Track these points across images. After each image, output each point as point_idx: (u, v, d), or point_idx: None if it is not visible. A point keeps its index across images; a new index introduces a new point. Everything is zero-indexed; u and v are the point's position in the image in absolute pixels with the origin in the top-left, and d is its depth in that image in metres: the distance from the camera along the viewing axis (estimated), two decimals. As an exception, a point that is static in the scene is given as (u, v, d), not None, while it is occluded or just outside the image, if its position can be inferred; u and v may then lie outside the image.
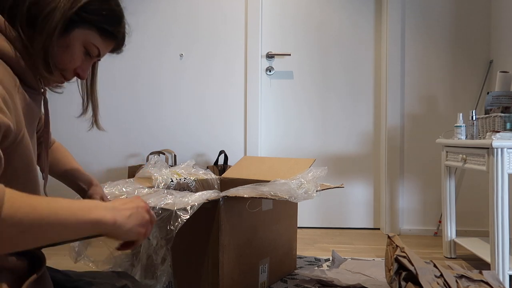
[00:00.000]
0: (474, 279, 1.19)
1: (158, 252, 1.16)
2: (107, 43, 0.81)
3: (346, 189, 2.63)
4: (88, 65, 0.81)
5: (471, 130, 1.87)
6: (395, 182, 2.51)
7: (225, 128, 2.59)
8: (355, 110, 2.62)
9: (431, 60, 2.51)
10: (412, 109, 2.52)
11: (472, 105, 2.48)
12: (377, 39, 2.61)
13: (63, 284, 0.85)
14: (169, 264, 1.13)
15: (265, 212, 1.49)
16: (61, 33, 0.72)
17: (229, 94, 2.59)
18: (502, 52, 2.33)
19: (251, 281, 1.41)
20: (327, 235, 2.47)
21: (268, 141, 2.67)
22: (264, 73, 2.65)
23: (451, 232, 2.01)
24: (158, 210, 1.16)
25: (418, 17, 2.51)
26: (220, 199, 1.24)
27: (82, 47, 0.77)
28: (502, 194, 1.55)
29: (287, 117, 2.65)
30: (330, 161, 2.63)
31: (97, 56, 0.81)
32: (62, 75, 0.78)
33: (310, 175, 1.47)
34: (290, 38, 2.64)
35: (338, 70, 2.62)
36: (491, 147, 1.54)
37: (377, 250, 2.12)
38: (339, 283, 1.44)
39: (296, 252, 1.75)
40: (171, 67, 2.60)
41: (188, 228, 1.27)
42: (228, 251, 1.29)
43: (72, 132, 2.62)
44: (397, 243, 1.20)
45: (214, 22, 2.59)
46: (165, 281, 1.13)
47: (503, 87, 1.91)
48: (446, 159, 2.00)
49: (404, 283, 1.10)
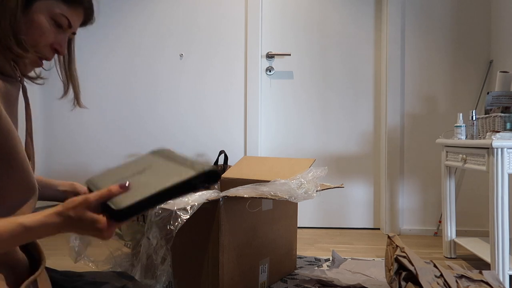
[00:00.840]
0: (474, 279, 1.19)
1: (158, 252, 1.16)
2: (74, 11, 0.79)
3: (346, 189, 2.63)
4: (64, 39, 0.80)
5: (471, 130, 1.87)
6: (395, 182, 2.50)
7: (225, 128, 2.59)
8: (355, 110, 2.62)
9: (431, 60, 2.51)
10: (412, 109, 2.52)
11: (472, 105, 2.48)
12: (377, 39, 2.61)
13: (62, 284, 0.85)
14: (169, 264, 1.13)
15: (265, 212, 1.48)
16: (23, 8, 0.71)
17: (229, 94, 2.59)
18: (502, 52, 2.33)
19: (251, 281, 1.41)
20: (327, 235, 2.47)
21: (268, 141, 2.67)
22: (264, 73, 2.65)
23: (451, 232, 2.01)
24: (158, 210, 1.16)
25: (418, 17, 2.51)
26: (220, 199, 1.24)
27: (50, 19, 0.75)
28: (502, 194, 1.55)
29: (287, 117, 2.65)
30: (330, 161, 2.63)
31: (69, 27, 0.79)
32: (38, 56, 0.77)
33: (310, 175, 1.47)
34: (290, 38, 2.64)
35: (338, 70, 2.62)
36: (491, 147, 1.54)
37: (377, 250, 2.12)
38: (339, 283, 1.44)
39: (296, 252, 1.75)
40: (171, 67, 2.60)
41: (188, 228, 1.27)
42: (228, 251, 1.28)
43: (70, 132, 2.62)
44: (397, 243, 1.20)
45: (214, 22, 2.59)
46: (165, 281, 1.13)
47: (503, 87, 1.91)
48: (446, 159, 2.00)
49: (404, 283, 1.10)
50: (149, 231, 1.20)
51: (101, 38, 2.61)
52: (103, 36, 2.61)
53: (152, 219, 1.19)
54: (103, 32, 2.60)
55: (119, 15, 2.60)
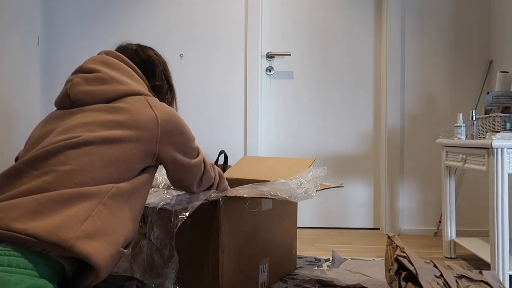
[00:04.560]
0: (474, 279, 1.19)
1: (164, 251, 1.16)
2: None
3: (346, 189, 2.63)
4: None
5: (471, 130, 1.87)
6: (395, 182, 2.51)
7: (225, 128, 2.60)
8: (355, 110, 2.62)
9: (431, 60, 2.51)
10: (412, 109, 2.52)
11: (472, 105, 2.48)
12: (377, 39, 2.61)
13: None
14: (177, 261, 1.14)
15: (265, 212, 1.49)
16: None
17: (229, 94, 2.59)
18: (502, 52, 2.33)
19: (251, 281, 1.41)
20: (327, 235, 2.47)
21: (268, 141, 2.67)
22: (264, 73, 2.65)
23: (451, 232, 2.01)
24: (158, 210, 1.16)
25: (418, 17, 2.51)
26: (220, 199, 1.24)
27: None
28: (502, 194, 1.55)
29: (287, 117, 2.65)
30: (330, 161, 2.63)
31: None
32: None
33: (310, 175, 1.47)
34: (290, 38, 2.64)
35: (338, 70, 2.62)
36: (491, 147, 1.54)
37: (377, 250, 2.12)
38: (339, 283, 1.44)
39: (296, 252, 1.75)
40: (171, 67, 2.59)
41: (188, 228, 1.27)
42: (228, 251, 1.29)
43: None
44: (397, 243, 1.20)
45: (214, 22, 2.59)
46: (174, 278, 1.14)
47: (503, 87, 1.91)
48: (446, 159, 2.00)
49: (404, 283, 1.10)
50: (150, 231, 1.20)
51: (101, 38, 2.61)
52: (103, 36, 2.61)
53: (153, 219, 1.20)
54: (103, 32, 2.61)
55: (119, 15, 2.60)
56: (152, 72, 1.18)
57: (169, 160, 1.03)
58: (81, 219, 0.78)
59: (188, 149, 1.07)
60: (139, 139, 0.94)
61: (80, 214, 0.79)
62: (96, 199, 0.83)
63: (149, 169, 1.01)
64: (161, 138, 0.98)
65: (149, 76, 1.16)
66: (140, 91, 1.02)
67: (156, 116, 0.97)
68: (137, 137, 0.94)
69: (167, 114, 1.00)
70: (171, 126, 1.00)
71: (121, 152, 0.90)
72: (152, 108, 0.98)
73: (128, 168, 0.92)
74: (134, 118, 0.95)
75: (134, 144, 0.93)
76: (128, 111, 0.95)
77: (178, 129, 1.03)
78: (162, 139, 0.98)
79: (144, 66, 1.15)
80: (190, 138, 1.08)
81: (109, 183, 0.87)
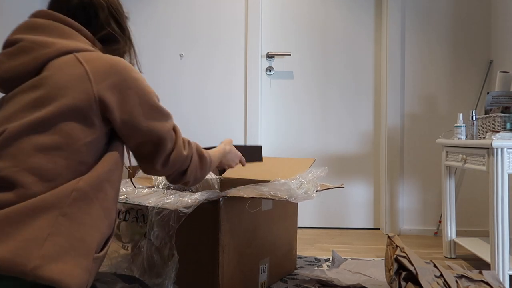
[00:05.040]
0: (474, 279, 1.19)
1: (163, 250, 1.16)
2: None
3: (346, 189, 2.63)
4: None
5: (471, 130, 1.87)
6: (395, 182, 2.51)
7: (225, 128, 2.59)
8: (355, 110, 2.62)
9: (431, 60, 2.51)
10: (412, 109, 2.52)
11: (472, 105, 2.48)
12: (377, 39, 2.61)
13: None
14: (177, 260, 1.14)
15: (265, 212, 1.49)
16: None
17: (229, 94, 2.59)
18: (502, 52, 2.33)
19: (251, 281, 1.41)
20: (327, 235, 2.47)
21: (268, 141, 2.67)
22: (264, 73, 2.65)
23: (451, 232, 2.01)
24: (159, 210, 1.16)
25: (418, 17, 2.51)
26: (220, 199, 1.24)
27: None
28: (502, 194, 1.55)
29: (287, 117, 2.65)
30: (330, 161, 2.63)
31: None
32: None
33: (310, 175, 1.47)
34: (290, 38, 2.64)
35: (338, 70, 2.62)
36: (491, 147, 1.54)
37: (377, 250, 2.12)
38: (339, 283, 1.44)
39: (296, 252, 1.75)
40: (171, 67, 2.60)
41: (188, 228, 1.27)
42: (228, 251, 1.28)
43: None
44: (397, 243, 1.20)
45: (214, 22, 2.59)
46: (174, 277, 1.14)
47: (503, 87, 1.91)
48: (446, 159, 2.00)
49: (404, 283, 1.10)
50: (150, 231, 1.20)
51: (101, 38, 2.60)
52: (103, 36, 2.60)
53: (153, 219, 1.20)
54: (103, 32, 2.60)
55: (119, 15, 2.60)
56: (95, 19, 0.92)
57: (119, 120, 0.82)
58: (38, 242, 0.66)
59: (144, 105, 0.84)
60: (70, 107, 0.75)
61: (36, 236, 0.66)
62: (53, 210, 0.69)
63: (113, 146, 0.83)
64: (100, 95, 0.77)
65: (92, 25, 0.91)
66: (71, 48, 0.81)
67: (85, 71, 0.78)
68: (67, 107, 0.75)
69: (104, 65, 0.80)
70: (113, 77, 0.80)
71: (57, 134, 0.74)
72: (82, 63, 0.79)
73: (77, 149, 0.75)
74: (56, 85, 0.76)
75: (68, 116, 0.75)
76: (49, 79, 0.77)
77: (126, 81, 0.81)
78: (102, 95, 0.78)
79: (86, 13, 0.91)
80: (146, 92, 0.85)
81: (68, 177, 0.73)
